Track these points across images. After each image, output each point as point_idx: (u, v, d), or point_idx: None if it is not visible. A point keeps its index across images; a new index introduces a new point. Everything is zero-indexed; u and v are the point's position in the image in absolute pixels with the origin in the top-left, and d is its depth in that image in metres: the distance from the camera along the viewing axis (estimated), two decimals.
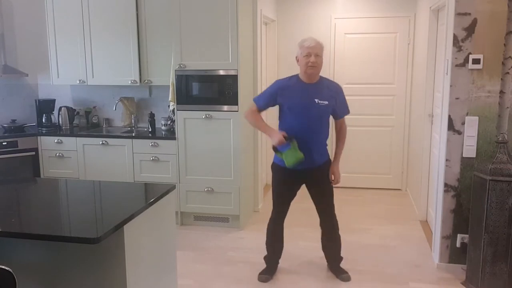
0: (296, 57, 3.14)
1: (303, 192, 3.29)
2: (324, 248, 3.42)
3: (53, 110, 5.03)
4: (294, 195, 3.30)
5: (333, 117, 3.25)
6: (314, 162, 3.15)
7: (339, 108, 3.22)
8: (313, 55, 3.02)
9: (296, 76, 3.19)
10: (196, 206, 4.40)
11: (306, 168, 3.12)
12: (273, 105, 3.26)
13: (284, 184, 3.25)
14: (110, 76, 4.67)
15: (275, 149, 3.10)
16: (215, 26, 4.10)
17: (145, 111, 4.97)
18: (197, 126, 4.26)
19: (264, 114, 3.37)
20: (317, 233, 3.42)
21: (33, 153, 4.66)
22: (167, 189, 2.56)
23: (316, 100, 3.08)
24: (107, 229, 1.96)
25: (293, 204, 3.34)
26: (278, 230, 3.38)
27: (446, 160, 3.32)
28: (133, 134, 4.63)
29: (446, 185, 3.35)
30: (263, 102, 3.24)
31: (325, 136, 3.21)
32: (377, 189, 5.64)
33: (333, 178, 3.24)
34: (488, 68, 3.16)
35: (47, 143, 4.67)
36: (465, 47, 3.18)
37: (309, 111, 3.09)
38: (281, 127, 3.19)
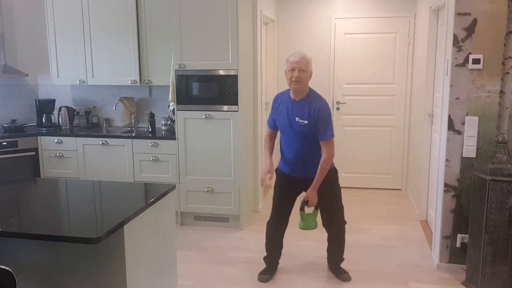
0: (285, 72, 3.11)
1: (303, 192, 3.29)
2: (328, 250, 3.43)
3: (53, 110, 5.03)
4: (294, 201, 3.30)
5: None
6: (310, 174, 3.10)
7: (318, 129, 3.02)
8: (297, 70, 2.98)
9: (289, 91, 3.18)
10: (196, 206, 4.40)
11: (307, 177, 3.11)
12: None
13: (284, 190, 3.27)
14: (110, 76, 4.67)
15: (302, 208, 3.21)
16: (215, 26, 4.10)
17: (145, 111, 4.97)
18: (197, 126, 4.26)
19: None
20: (317, 233, 3.42)
21: (33, 153, 4.66)
22: (167, 189, 2.56)
23: (297, 118, 3.06)
24: (107, 229, 1.96)
25: (294, 204, 3.34)
26: (278, 235, 3.37)
27: (446, 160, 3.32)
28: (133, 134, 4.63)
29: (446, 185, 3.35)
30: (270, 121, 3.31)
31: (316, 151, 3.09)
32: (377, 189, 5.63)
33: (306, 199, 3.13)
34: (488, 68, 3.16)
35: (47, 143, 4.67)
36: (465, 47, 3.18)
37: (291, 129, 3.10)
38: (280, 142, 3.27)
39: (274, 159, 3.34)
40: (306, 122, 3.04)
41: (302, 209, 3.19)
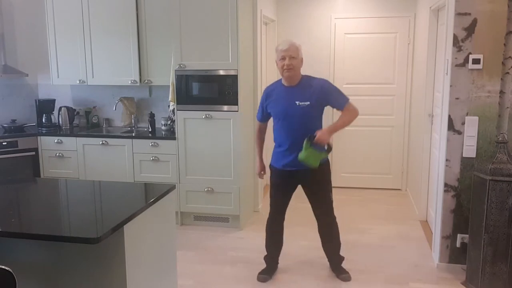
0: (276, 62, 3.15)
1: (303, 192, 3.29)
2: (324, 247, 3.43)
3: (53, 110, 5.03)
4: (290, 196, 3.30)
5: (337, 110, 3.21)
6: (304, 165, 3.11)
7: (332, 101, 3.15)
8: (287, 57, 3.03)
9: (280, 80, 3.22)
10: (196, 206, 4.40)
11: (300, 169, 3.13)
12: (269, 114, 3.28)
13: (279, 186, 3.28)
14: (110, 76, 4.67)
15: (308, 138, 3.01)
16: (215, 26, 4.10)
17: (145, 111, 4.97)
18: (197, 126, 4.26)
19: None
20: (316, 233, 3.42)
21: (33, 153, 4.66)
22: (167, 189, 2.56)
23: (297, 102, 3.07)
24: (107, 229, 1.96)
25: (294, 204, 3.35)
26: (277, 231, 3.39)
27: (446, 160, 3.32)
28: (133, 134, 4.63)
29: (446, 185, 3.35)
30: (260, 114, 3.35)
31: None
32: (377, 189, 5.63)
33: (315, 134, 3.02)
34: (488, 68, 3.16)
35: (47, 143, 4.67)
36: (465, 47, 3.18)
37: (290, 115, 3.10)
38: (274, 134, 3.26)
39: (269, 157, 3.37)
40: (308, 103, 3.07)
41: (308, 139, 3.00)
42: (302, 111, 3.07)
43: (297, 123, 3.10)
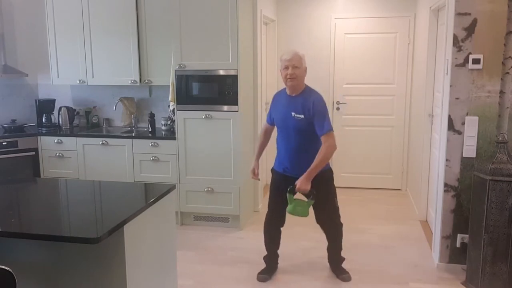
0: (280, 71, 3.17)
1: None
2: (327, 248, 3.44)
3: (53, 110, 5.03)
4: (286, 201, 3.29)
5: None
6: (303, 172, 3.09)
7: (315, 123, 3.02)
8: (290, 67, 3.03)
9: (286, 88, 3.24)
10: (196, 206, 4.40)
11: (299, 176, 3.09)
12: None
13: (278, 189, 3.27)
14: (110, 76, 4.67)
15: (289, 191, 3.09)
16: (215, 26, 4.10)
17: (145, 111, 4.97)
18: (197, 126, 4.26)
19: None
20: (317, 233, 3.42)
21: (33, 153, 4.66)
22: (167, 189, 2.56)
23: (293, 113, 3.08)
24: (107, 229, 1.96)
25: None
26: (274, 233, 3.38)
27: (446, 160, 3.32)
28: (133, 134, 4.63)
29: (446, 185, 3.35)
30: (268, 117, 3.38)
31: (313, 148, 3.08)
32: (377, 189, 5.63)
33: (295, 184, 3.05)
34: (488, 68, 3.16)
35: (47, 143, 4.67)
36: (465, 47, 3.18)
37: (287, 124, 3.11)
38: (276, 138, 3.29)
39: (269, 157, 3.36)
40: (302, 116, 3.05)
41: (290, 191, 3.05)
42: (297, 124, 3.07)
43: (292, 134, 3.10)
